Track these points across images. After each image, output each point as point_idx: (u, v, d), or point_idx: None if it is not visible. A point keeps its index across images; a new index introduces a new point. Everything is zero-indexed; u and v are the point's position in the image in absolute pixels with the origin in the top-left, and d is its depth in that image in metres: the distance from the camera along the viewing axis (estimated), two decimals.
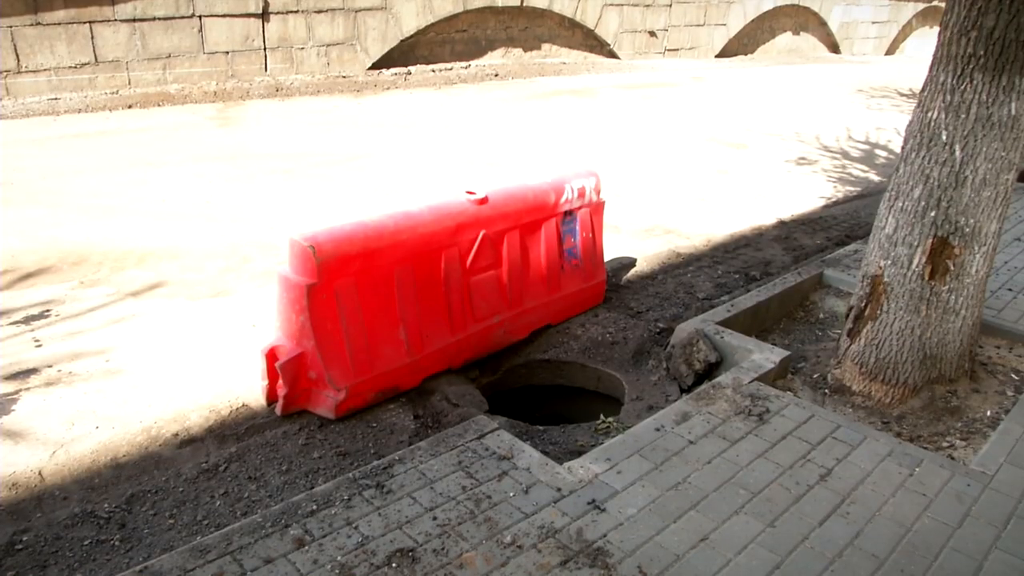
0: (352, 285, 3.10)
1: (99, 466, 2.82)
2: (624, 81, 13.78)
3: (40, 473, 2.77)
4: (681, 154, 8.75)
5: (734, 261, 5.39)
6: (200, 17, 10.17)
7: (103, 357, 3.64)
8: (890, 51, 21.34)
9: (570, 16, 14.52)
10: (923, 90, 3.10)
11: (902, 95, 13.91)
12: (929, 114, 3.04)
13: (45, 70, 9.12)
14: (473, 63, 13.67)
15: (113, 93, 9.63)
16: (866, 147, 9.70)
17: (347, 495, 2.47)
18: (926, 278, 3.15)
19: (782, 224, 6.36)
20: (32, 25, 8.89)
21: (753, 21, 17.79)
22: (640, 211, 6.56)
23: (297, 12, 11.09)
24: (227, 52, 10.63)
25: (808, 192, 7.46)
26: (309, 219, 5.78)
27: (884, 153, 9.39)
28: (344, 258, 3.02)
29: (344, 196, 6.48)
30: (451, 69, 13.08)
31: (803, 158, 8.96)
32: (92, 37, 9.36)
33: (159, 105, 9.64)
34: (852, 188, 7.69)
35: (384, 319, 3.26)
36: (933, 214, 3.07)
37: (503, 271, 3.79)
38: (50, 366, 3.52)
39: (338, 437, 3.05)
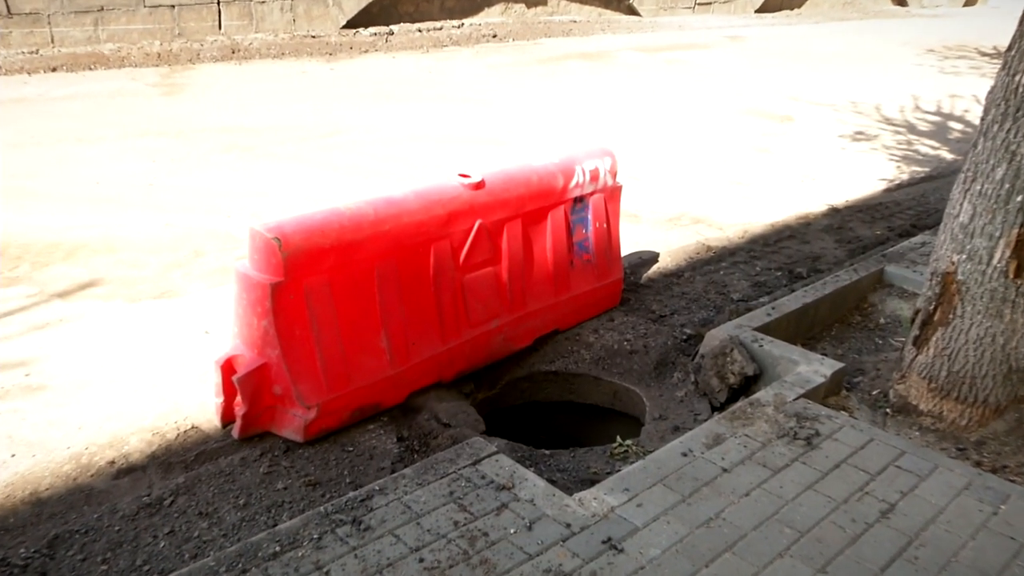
0: (325, 284, 3.11)
1: (15, 502, 2.82)
2: (645, 42, 13.80)
3: None
4: (713, 129, 8.77)
5: (776, 256, 5.41)
6: None
7: (22, 371, 3.65)
8: (970, 2, 21.25)
9: None
10: (1010, 49, 3.08)
11: (984, 55, 13.91)
12: (1017, 77, 3.02)
13: None
14: (467, 22, 13.70)
15: (32, 53, 9.63)
16: (937, 119, 9.72)
17: (317, 533, 2.49)
18: (1010, 276, 3.15)
19: (834, 212, 6.38)
20: None
21: None
22: (664, 197, 6.58)
23: None
24: (173, 6, 10.64)
25: (866, 173, 7.49)
26: (273, 206, 5.80)
27: (959, 126, 9.40)
28: (315, 252, 3.04)
29: (315, 179, 6.50)
30: (440, 29, 13.11)
31: (860, 133, 8.98)
32: None
33: (90, 68, 9.66)
34: (919, 168, 7.71)
35: (363, 324, 3.28)
36: (1020, 199, 3.06)
37: (502, 268, 3.80)
38: None
39: (307, 464, 3.06)
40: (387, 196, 3.37)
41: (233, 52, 10.86)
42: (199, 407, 3.39)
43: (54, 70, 9.39)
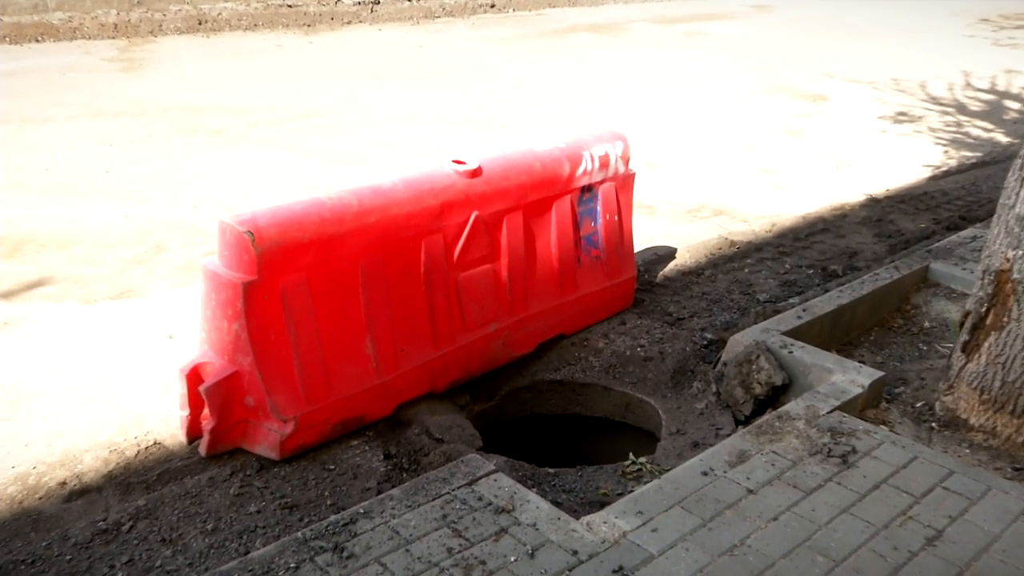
0: (303, 283, 3.12)
1: None
2: (661, 12, 13.82)
3: None
4: (737, 110, 8.78)
5: (807, 252, 5.42)
6: None
7: None
8: None
9: None
10: None
11: None
12: None
13: None
14: None
15: None
16: (991, 98, 9.73)
17: (294, 562, 2.49)
18: None
19: (873, 202, 6.39)
20: None
21: None
22: (682, 186, 6.59)
23: None
24: None
25: (909, 159, 7.50)
26: (245, 196, 5.81)
27: (1016, 106, 9.41)
28: (293, 247, 3.05)
29: (292, 165, 6.51)
30: None
31: (903, 114, 9.00)
32: None
33: (38, 40, 9.67)
34: (970, 153, 7.72)
35: (346, 328, 3.28)
36: None
37: (501, 265, 3.81)
38: None
39: (283, 484, 3.07)
40: (373, 185, 3.37)
41: (200, 23, 10.87)
42: (162, 421, 3.39)
43: None
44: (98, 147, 6.71)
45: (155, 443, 3.27)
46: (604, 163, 4.13)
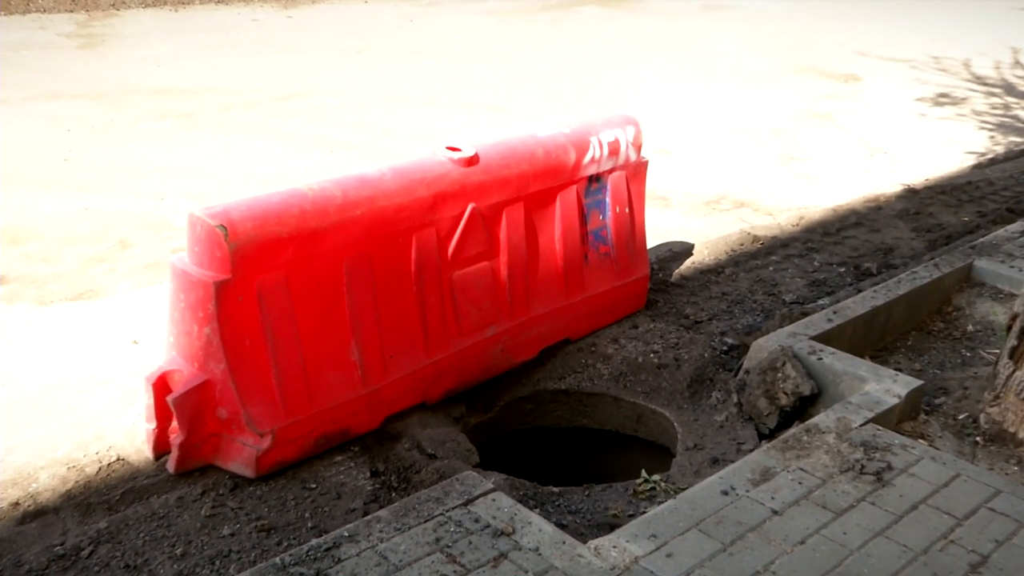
0: (282, 282, 3.13)
1: None
2: None
3: None
4: (761, 91, 8.79)
5: (838, 248, 5.43)
6: None
7: None
8: None
9: None
10: None
11: None
12: None
13: None
14: None
15: None
16: None
17: None
18: None
19: (911, 193, 6.40)
20: None
21: None
22: (700, 175, 6.59)
23: None
24: None
25: (950, 145, 7.50)
26: (218, 186, 5.81)
27: None
28: (270, 243, 3.05)
29: (269, 153, 6.51)
30: None
31: (944, 95, 9.00)
32: None
33: None
34: (1018, 139, 7.73)
35: (329, 332, 3.29)
36: None
37: (500, 263, 3.82)
38: None
39: (260, 505, 3.07)
40: (358, 174, 3.37)
41: None
42: (125, 435, 3.39)
43: None
44: (55, 132, 6.72)
45: (118, 459, 3.27)
46: (614, 150, 4.13)
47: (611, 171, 4.19)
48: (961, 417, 3.60)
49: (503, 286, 3.83)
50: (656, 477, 3.36)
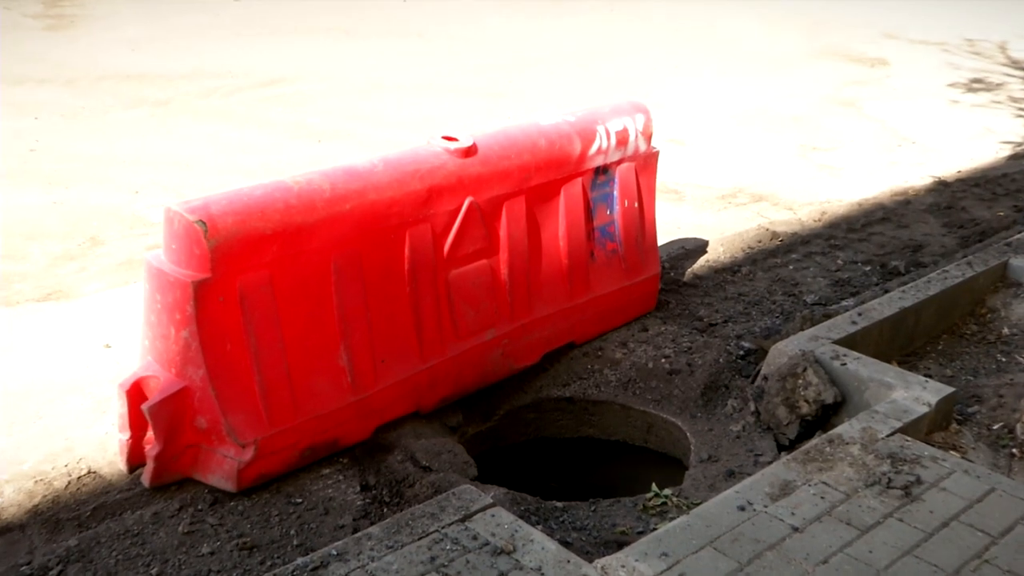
0: (266, 282, 3.13)
1: None
2: None
3: None
4: (780, 76, 8.79)
5: (863, 244, 5.43)
6: None
7: None
8: None
9: None
10: None
11: None
12: None
13: None
14: None
15: None
16: None
17: None
18: None
19: (942, 186, 6.40)
20: None
21: None
22: (715, 166, 6.59)
23: None
24: None
25: (985, 134, 7.50)
26: (197, 179, 5.81)
27: None
28: (253, 239, 3.05)
29: (251, 142, 6.51)
30: None
31: (978, 80, 9.00)
32: None
33: None
34: None
35: (316, 336, 3.29)
36: None
37: (500, 261, 3.82)
38: None
39: (242, 521, 3.07)
40: (347, 166, 3.37)
41: None
42: (97, 446, 3.39)
43: None
44: (21, 120, 6.72)
45: (89, 472, 3.27)
46: (622, 140, 4.13)
47: (619, 162, 4.19)
48: (996, 427, 3.60)
49: (503, 286, 3.83)
50: (667, 491, 3.36)
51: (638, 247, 4.36)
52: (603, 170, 4.14)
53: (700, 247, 5.28)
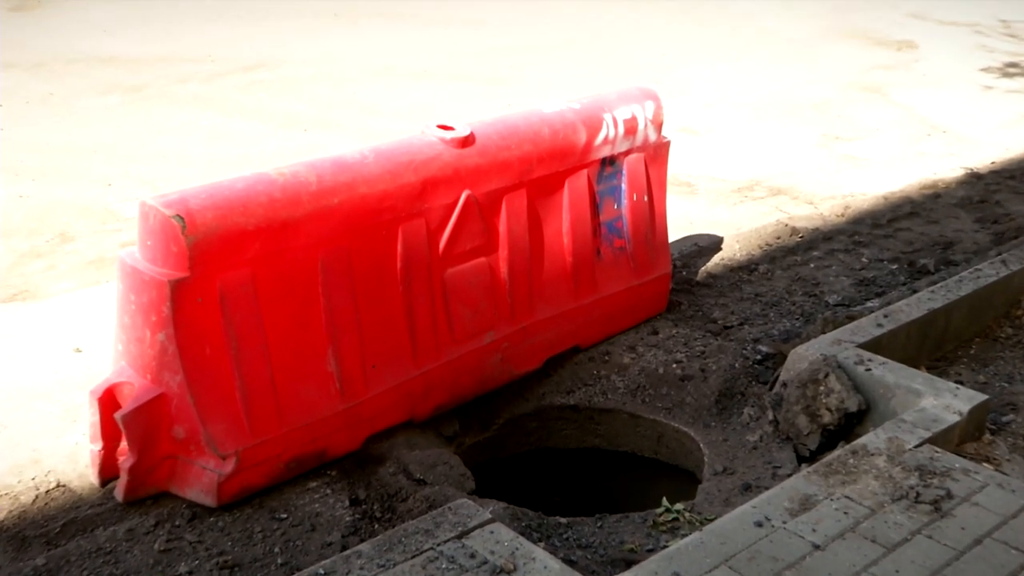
0: (248, 281, 3.12)
1: None
2: None
3: None
4: (800, 60, 8.79)
5: (889, 241, 5.43)
6: None
7: None
8: None
9: None
10: None
11: None
12: None
13: None
14: None
15: None
16: None
17: None
18: None
19: (974, 178, 6.39)
20: None
21: None
22: (730, 157, 6.59)
23: None
24: None
25: (1020, 122, 7.48)
26: (174, 170, 5.81)
27: None
28: (234, 236, 3.05)
29: (234, 131, 6.51)
30: None
31: (1013, 65, 8.99)
32: None
33: None
34: None
35: (302, 339, 3.28)
36: None
37: (499, 259, 3.82)
38: None
39: (222, 538, 3.07)
40: (336, 157, 3.37)
41: None
42: (67, 457, 3.39)
43: None
44: None
45: (58, 486, 3.26)
46: (630, 129, 4.13)
47: (627, 153, 4.19)
48: None
49: (502, 286, 3.83)
50: (679, 506, 3.36)
51: (648, 244, 4.36)
52: (610, 161, 4.14)
53: (714, 244, 5.28)
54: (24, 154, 6.03)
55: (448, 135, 3.57)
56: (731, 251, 5.22)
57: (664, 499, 3.38)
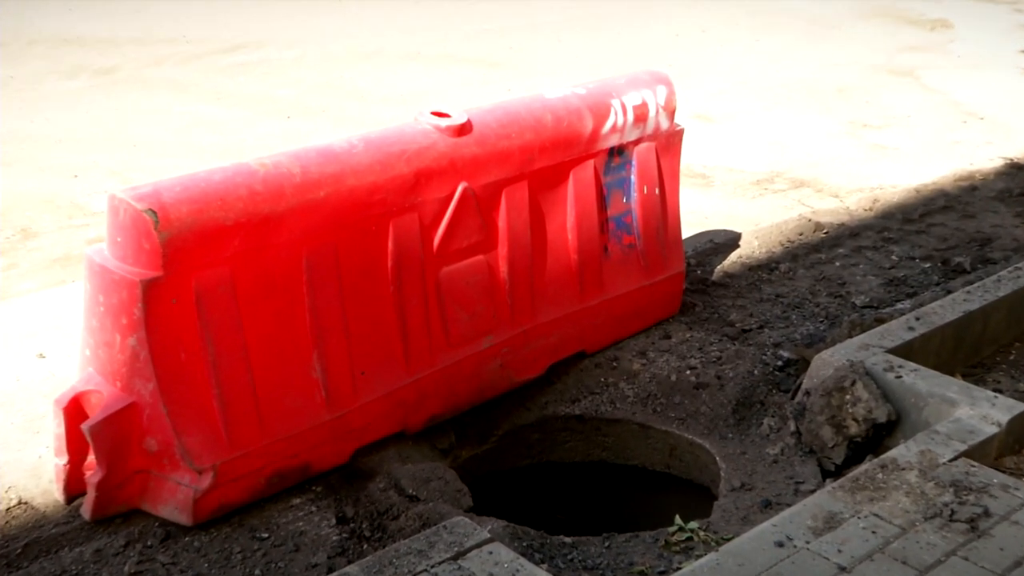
0: (226, 281, 3.13)
1: None
2: None
3: None
4: (825, 41, 8.79)
5: (922, 238, 5.43)
6: None
7: None
8: None
9: None
10: None
11: None
12: None
13: None
14: None
15: None
16: None
17: None
18: None
19: (1014, 169, 6.39)
20: None
21: None
22: (748, 147, 6.59)
23: None
24: None
25: None
26: (145, 161, 5.81)
27: None
28: (211, 231, 3.05)
29: (211, 118, 6.51)
30: None
31: None
32: None
33: None
34: None
35: (285, 343, 3.29)
36: None
37: (499, 256, 3.82)
38: None
39: (198, 559, 3.07)
40: (321, 146, 3.37)
41: None
42: (29, 472, 3.39)
43: None
44: None
45: (20, 503, 3.27)
46: (640, 116, 4.13)
47: (637, 142, 4.19)
48: None
49: (502, 286, 3.84)
50: (693, 524, 3.36)
51: (659, 241, 4.36)
52: (619, 151, 4.14)
53: (731, 241, 5.28)
54: None
55: (443, 123, 3.57)
56: (750, 248, 5.22)
57: (677, 517, 3.39)
